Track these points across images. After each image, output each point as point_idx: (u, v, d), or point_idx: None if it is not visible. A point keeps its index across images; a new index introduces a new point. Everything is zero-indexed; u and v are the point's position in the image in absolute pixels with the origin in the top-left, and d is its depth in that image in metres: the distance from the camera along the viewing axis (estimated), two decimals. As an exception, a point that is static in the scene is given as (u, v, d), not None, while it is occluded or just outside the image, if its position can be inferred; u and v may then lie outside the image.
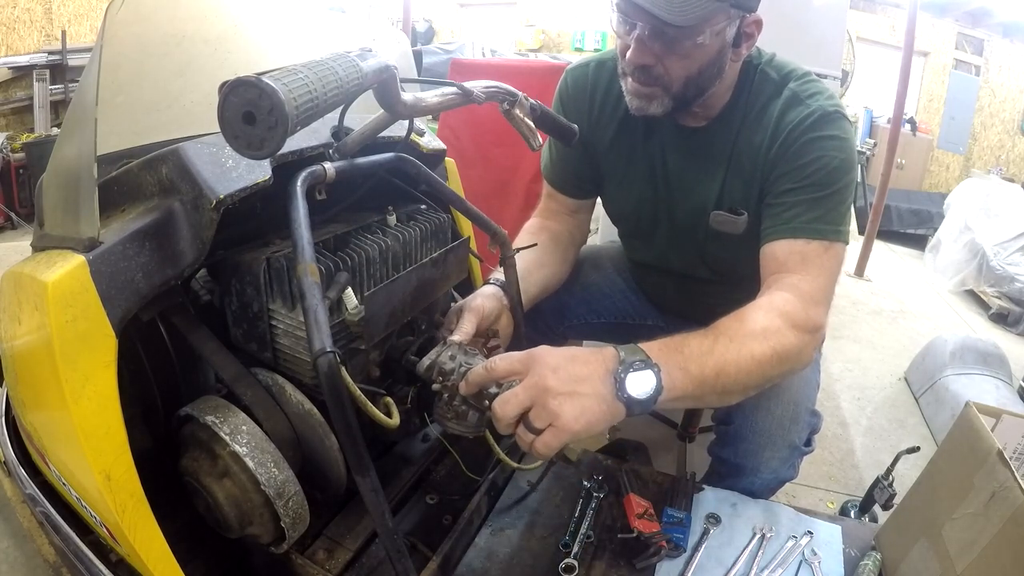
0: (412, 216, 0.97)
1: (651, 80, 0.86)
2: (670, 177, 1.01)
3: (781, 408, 0.98)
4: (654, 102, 0.88)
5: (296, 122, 0.52)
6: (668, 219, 1.05)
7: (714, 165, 0.95)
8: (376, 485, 0.66)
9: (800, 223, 0.85)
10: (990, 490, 0.75)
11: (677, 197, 1.01)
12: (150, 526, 0.70)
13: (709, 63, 0.84)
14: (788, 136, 0.87)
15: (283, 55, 0.97)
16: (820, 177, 0.85)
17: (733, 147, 0.94)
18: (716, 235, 0.98)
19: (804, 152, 0.86)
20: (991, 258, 3.55)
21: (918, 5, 3.66)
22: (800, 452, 1.01)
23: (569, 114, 1.08)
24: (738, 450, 1.01)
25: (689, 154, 0.98)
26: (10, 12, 4.26)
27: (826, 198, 0.85)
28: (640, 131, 1.03)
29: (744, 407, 0.98)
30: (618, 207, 1.12)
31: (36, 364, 0.70)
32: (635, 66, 0.85)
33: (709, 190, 0.97)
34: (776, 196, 0.89)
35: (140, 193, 0.73)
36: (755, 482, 1.02)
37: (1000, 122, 6.29)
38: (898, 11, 5.81)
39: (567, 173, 1.12)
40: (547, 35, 7.48)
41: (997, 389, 2.11)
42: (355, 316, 0.75)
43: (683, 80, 0.85)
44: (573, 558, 0.91)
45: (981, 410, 0.86)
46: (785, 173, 0.88)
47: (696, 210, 0.99)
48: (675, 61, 0.83)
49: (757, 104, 0.92)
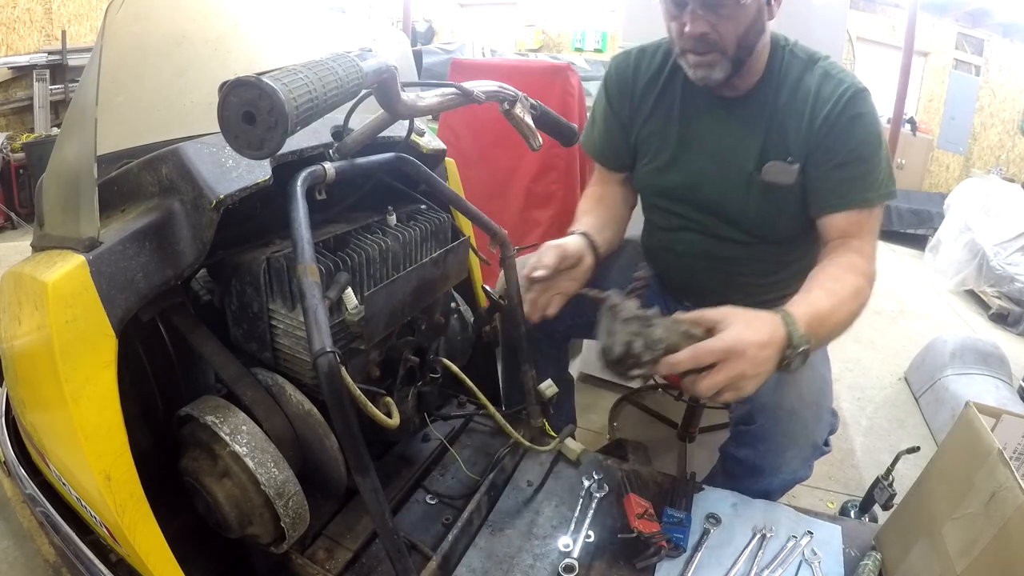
0: (412, 216, 0.97)
1: (708, 47, 0.97)
2: (711, 141, 1.09)
3: (805, 408, 0.98)
4: (715, 68, 0.99)
5: (296, 122, 0.52)
6: (709, 180, 1.11)
7: (755, 128, 1.05)
8: (376, 485, 0.66)
9: (854, 196, 0.99)
10: (990, 490, 0.75)
11: (721, 157, 1.09)
12: (150, 526, 0.70)
13: (752, 21, 0.96)
14: (830, 113, 0.99)
15: (283, 55, 0.97)
16: (864, 151, 0.99)
17: (772, 113, 1.04)
18: (768, 188, 1.05)
19: (848, 131, 0.98)
20: (991, 258, 3.55)
21: (918, 5, 3.66)
22: (820, 452, 1.02)
23: (612, 96, 1.18)
24: (759, 450, 1.01)
25: (729, 121, 1.08)
26: (10, 12, 4.25)
27: (872, 168, 0.99)
28: (678, 105, 1.12)
29: (768, 408, 0.99)
30: (653, 175, 1.17)
31: (36, 364, 0.70)
32: (694, 37, 0.97)
33: (753, 147, 1.06)
34: (828, 171, 1.01)
35: (140, 193, 0.73)
36: (773, 482, 1.02)
37: (1000, 122, 6.28)
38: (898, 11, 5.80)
39: (608, 149, 1.22)
40: (547, 35, 7.47)
41: (997, 389, 2.11)
42: (355, 316, 0.75)
43: (735, 40, 0.97)
44: (573, 558, 0.91)
45: (981, 410, 0.86)
46: (833, 149, 1.00)
47: (742, 167, 1.07)
48: (726, 24, 0.95)
49: (790, 77, 1.04)
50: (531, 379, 1.11)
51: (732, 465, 1.08)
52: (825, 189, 1.01)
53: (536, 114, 0.95)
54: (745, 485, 1.04)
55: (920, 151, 5.80)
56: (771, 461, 1.00)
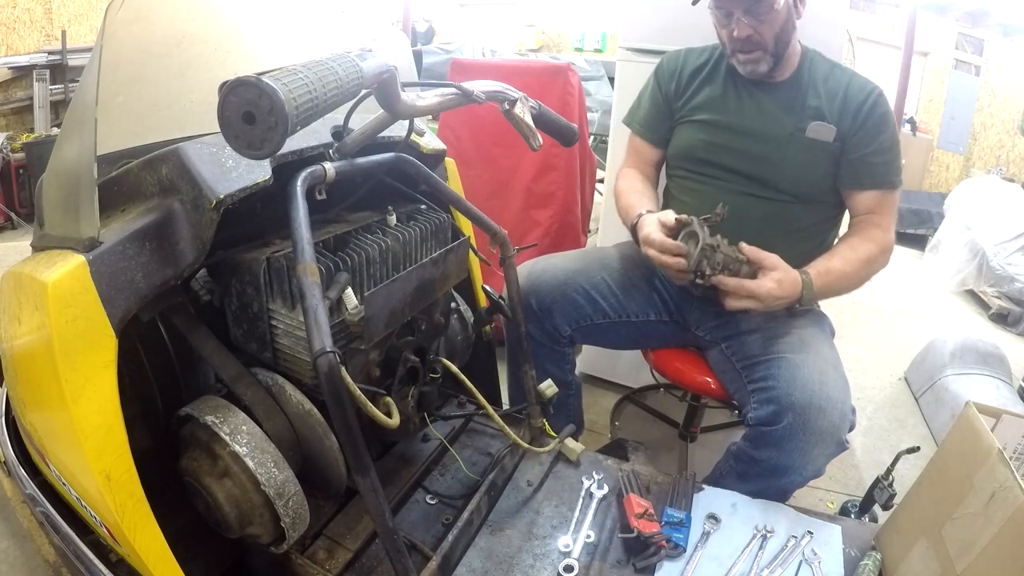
0: (412, 216, 0.97)
1: (753, 47, 1.18)
2: (753, 111, 1.26)
3: (832, 407, 1.00)
4: (761, 62, 1.19)
5: (296, 122, 0.52)
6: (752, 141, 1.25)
7: (795, 102, 1.24)
8: (376, 485, 0.66)
9: (884, 178, 1.21)
10: (990, 490, 0.75)
11: (765, 120, 1.25)
12: (150, 526, 0.70)
13: (786, 20, 1.16)
14: (862, 106, 1.18)
15: (283, 55, 0.97)
16: (888, 143, 1.20)
17: (808, 92, 1.23)
18: (811, 145, 1.21)
19: (879, 127, 1.19)
20: (991, 258, 3.55)
21: (918, 5, 3.66)
22: (843, 448, 1.03)
23: (662, 77, 1.37)
24: (785, 449, 1.01)
25: (773, 98, 1.25)
26: (10, 12, 4.25)
27: (894, 157, 1.21)
28: (721, 83, 1.29)
29: (795, 406, 1.00)
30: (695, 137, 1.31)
31: (36, 364, 0.70)
32: (741, 40, 1.17)
33: (794, 114, 1.23)
34: (863, 155, 1.20)
35: (140, 193, 0.73)
36: (796, 480, 1.03)
37: (1000, 122, 6.27)
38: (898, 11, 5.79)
39: (652, 121, 1.39)
40: (547, 35, 7.47)
41: (997, 389, 2.10)
42: (355, 316, 0.75)
43: (774, 38, 1.17)
44: (573, 558, 0.91)
45: (981, 410, 0.86)
46: (865, 141, 1.19)
47: (784, 129, 1.23)
48: (765, 26, 1.15)
49: (820, 73, 1.24)
50: (531, 379, 1.11)
51: (748, 467, 1.07)
52: (859, 170, 1.20)
53: (536, 114, 0.95)
54: (762, 486, 1.04)
55: (920, 151, 5.79)
56: (797, 459, 1.01)
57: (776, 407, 1.02)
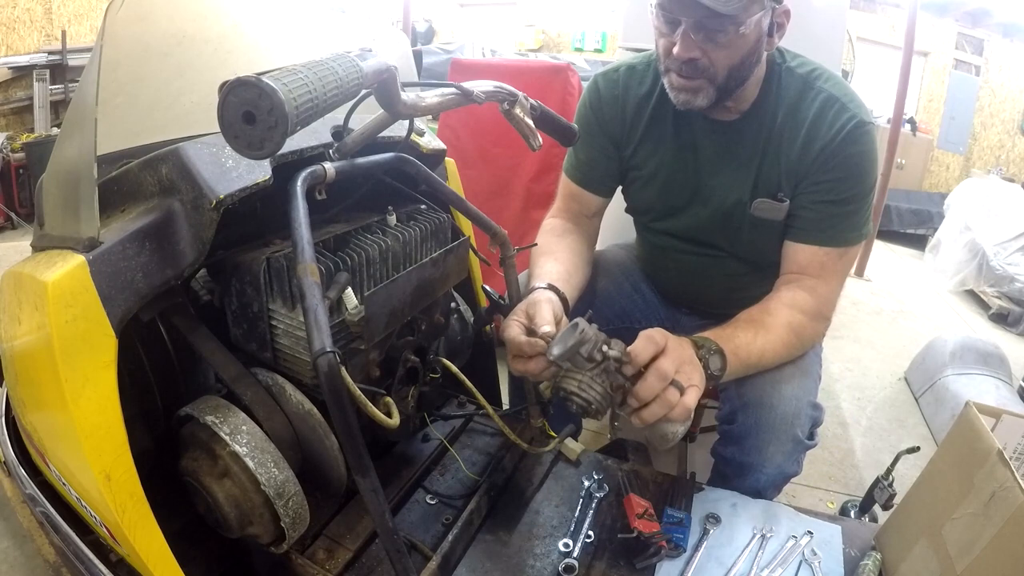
0: (412, 216, 0.97)
1: (696, 73, 0.90)
2: (704, 168, 1.04)
3: (784, 403, 0.99)
4: (699, 94, 0.92)
5: (296, 122, 0.52)
6: (701, 208, 1.08)
7: (748, 156, 1.00)
8: (376, 485, 0.66)
9: (831, 234, 0.96)
10: (990, 490, 0.75)
11: (712, 186, 1.05)
12: (150, 526, 0.70)
13: (749, 52, 0.89)
14: (827, 145, 0.94)
15: (283, 55, 0.97)
16: (855, 191, 0.95)
17: (767, 140, 0.99)
18: (757, 223, 1.02)
19: (843, 168, 0.93)
20: (991, 258, 3.55)
21: (918, 5, 3.66)
22: (804, 446, 1.02)
23: (604, 117, 1.12)
24: (743, 447, 1.01)
25: (722, 147, 1.02)
26: (10, 12, 4.25)
27: (857, 209, 0.96)
28: (671, 126, 1.06)
29: (747, 405, 1.00)
30: (646, 199, 1.14)
31: (36, 364, 0.70)
32: (682, 61, 0.90)
33: (745, 180, 1.01)
34: (812, 202, 0.96)
35: (140, 193, 0.73)
36: (760, 479, 1.02)
37: (1000, 122, 6.28)
38: (898, 11, 5.80)
39: (596, 172, 1.15)
40: (547, 35, 7.47)
41: (997, 389, 2.11)
42: (355, 316, 0.75)
43: (727, 70, 0.90)
44: (573, 558, 0.91)
45: (981, 410, 0.86)
46: (823, 183, 0.95)
47: (733, 200, 1.03)
48: (719, 52, 0.88)
49: (787, 100, 0.97)
50: (531, 379, 1.11)
51: (723, 466, 1.08)
52: (803, 217, 0.98)
53: (536, 114, 0.95)
54: (736, 484, 1.05)
55: (920, 151, 5.80)
56: (755, 457, 1.01)
57: (731, 405, 1.03)
